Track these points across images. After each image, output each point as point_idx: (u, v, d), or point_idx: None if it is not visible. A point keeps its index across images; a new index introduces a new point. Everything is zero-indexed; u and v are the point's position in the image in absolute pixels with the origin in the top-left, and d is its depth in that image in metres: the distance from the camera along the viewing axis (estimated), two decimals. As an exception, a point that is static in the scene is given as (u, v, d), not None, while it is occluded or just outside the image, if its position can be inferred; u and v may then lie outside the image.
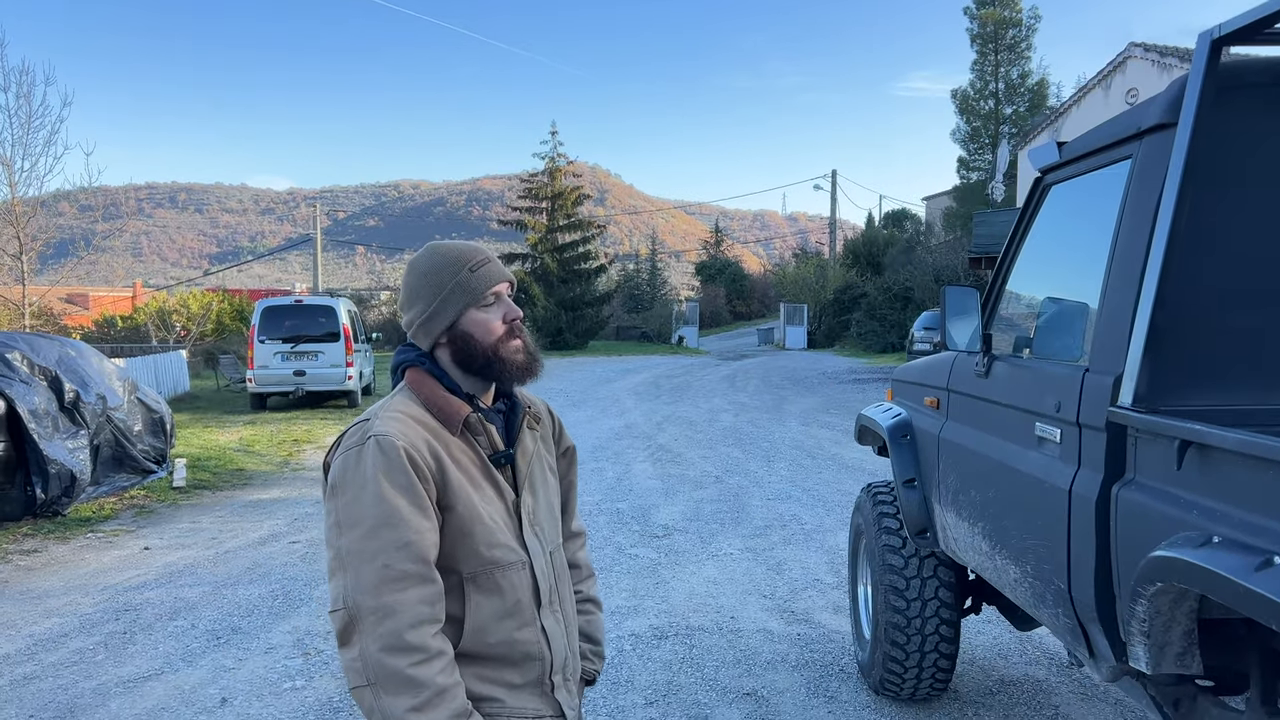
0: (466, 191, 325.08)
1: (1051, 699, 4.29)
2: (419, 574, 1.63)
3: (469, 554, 1.73)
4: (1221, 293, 2.32)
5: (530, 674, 1.80)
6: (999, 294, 3.37)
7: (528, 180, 40.93)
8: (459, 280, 1.80)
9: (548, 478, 1.95)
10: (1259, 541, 1.78)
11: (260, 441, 12.73)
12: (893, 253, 35.93)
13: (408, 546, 1.62)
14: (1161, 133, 2.39)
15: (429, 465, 1.69)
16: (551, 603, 1.85)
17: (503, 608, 1.76)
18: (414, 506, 1.65)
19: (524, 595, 1.79)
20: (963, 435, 3.42)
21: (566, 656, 1.88)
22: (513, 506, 1.82)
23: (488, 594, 1.75)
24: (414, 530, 1.64)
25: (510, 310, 1.82)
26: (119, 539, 7.53)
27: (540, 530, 1.87)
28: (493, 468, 1.80)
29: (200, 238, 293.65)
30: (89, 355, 9.38)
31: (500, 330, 1.81)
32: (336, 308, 16.44)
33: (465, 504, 1.72)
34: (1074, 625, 2.60)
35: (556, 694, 1.84)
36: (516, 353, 1.81)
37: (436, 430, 1.75)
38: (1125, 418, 2.26)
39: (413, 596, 1.61)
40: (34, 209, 18.35)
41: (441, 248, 1.87)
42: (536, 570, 1.81)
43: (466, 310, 1.80)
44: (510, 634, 1.77)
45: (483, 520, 1.74)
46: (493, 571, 1.75)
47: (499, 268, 1.84)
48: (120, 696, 4.40)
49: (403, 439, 1.68)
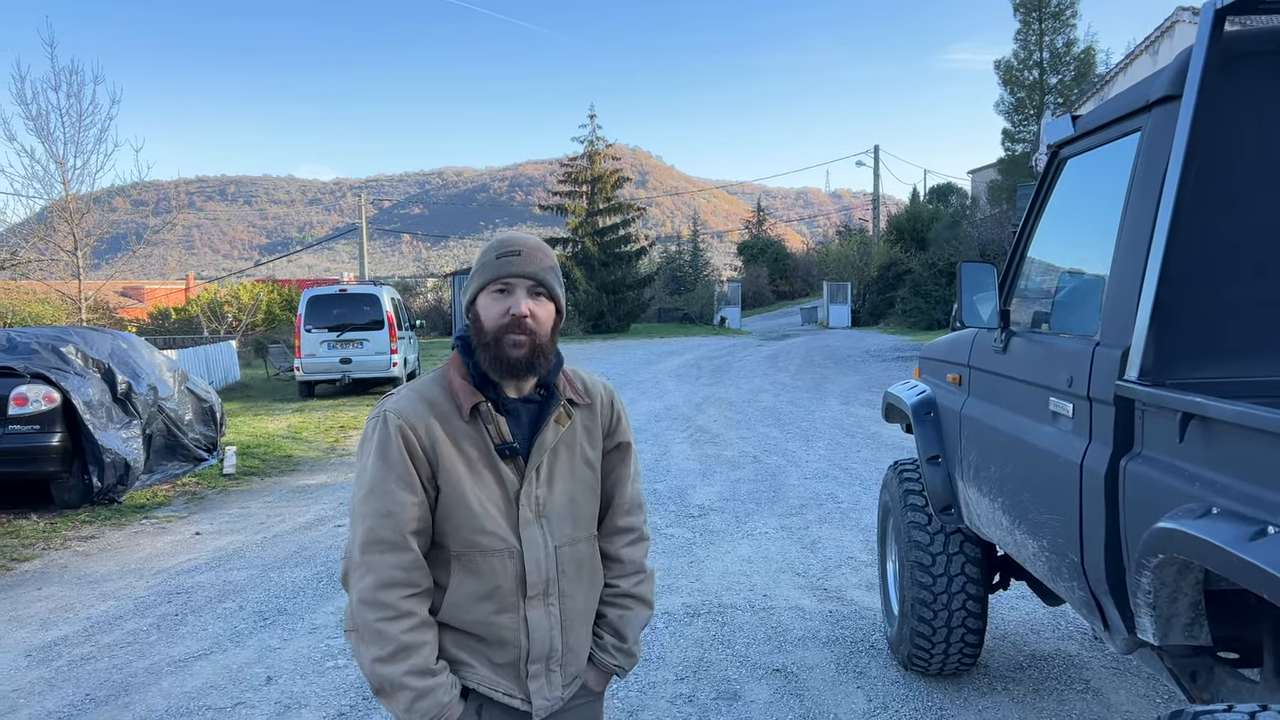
0: (509, 177, 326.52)
1: (1083, 673, 4.28)
2: (394, 542, 1.78)
3: (454, 533, 1.84)
4: (1227, 265, 2.31)
5: (506, 657, 1.87)
6: (1016, 269, 3.36)
7: (567, 164, 41.01)
8: (484, 262, 1.88)
9: (575, 471, 1.95)
10: (1256, 512, 1.79)
11: (308, 428, 13.01)
12: (937, 228, 35.45)
13: (389, 516, 1.78)
14: (1168, 105, 2.38)
15: (423, 444, 1.81)
16: (547, 595, 1.89)
17: (481, 590, 1.84)
18: (400, 480, 1.79)
19: (505, 582, 1.85)
20: (983, 411, 3.43)
21: (553, 649, 1.90)
22: (514, 495, 1.87)
23: (468, 574, 1.85)
24: (396, 503, 1.79)
25: (515, 305, 1.83)
26: (171, 525, 7.78)
27: (547, 523, 1.89)
28: (497, 456, 1.85)
29: (250, 229, 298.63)
30: (140, 347, 9.66)
31: (501, 321, 1.83)
32: (380, 296, 16.67)
33: (454, 487, 1.82)
34: (1088, 598, 2.62)
35: (530, 681, 1.89)
36: (515, 347, 1.83)
37: (446, 414, 1.84)
38: (1132, 391, 2.27)
39: (389, 560, 1.77)
40: (87, 205, 18.82)
41: (508, 233, 1.97)
42: (528, 560, 1.86)
43: (481, 291, 1.88)
44: (487, 616, 1.85)
45: (469, 505, 1.83)
46: (474, 554, 1.84)
47: (525, 265, 1.85)
48: (171, 675, 4.57)
49: (401, 418, 1.82)
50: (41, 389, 7.88)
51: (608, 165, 40.36)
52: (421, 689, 1.75)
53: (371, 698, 4.24)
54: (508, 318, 1.83)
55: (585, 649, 1.99)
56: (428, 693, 1.76)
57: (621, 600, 2.06)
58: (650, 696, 4.18)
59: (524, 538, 1.86)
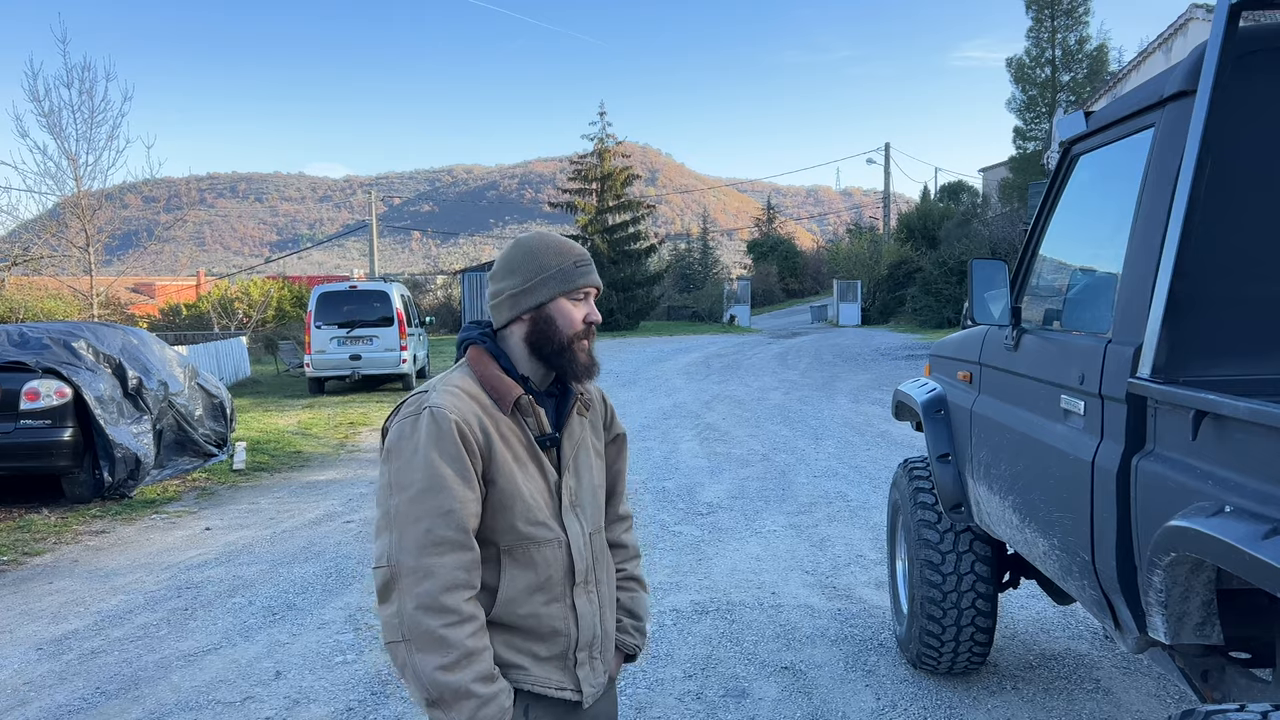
0: (519, 175, 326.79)
1: (1093, 673, 4.26)
2: (458, 541, 1.74)
3: (507, 527, 1.82)
4: (1241, 262, 2.29)
5: (555, 648, 1.88)
6: (1028, 266, 3.34)
7: (577, 162, 41.00)
8: (563, 268, 1.91)
9: (593, 462, 2.02)
10: (1269, 510, 1.77)
11: (318, 424, 13.04)
12: (948, 226, 35.32)
13: (450, 514, 1.73)
14: (1182, 100, 2.36)
15: (478, 439, 1.80)
16: (587, 582, 1.93)
17: (535, 582, 1.85)
18: (459, 477, 1.75)
19: (556, 572, 1.87)
20: (993, 409, 3.41)
21: (595, 635, 1.95)
22: (554, 487, 1.91)
23: (522, 567, 1.84)
24: (457, 499, 1.74)
25: (593, 313, 1.95)
26: (182, 520, 7.81)
27: (581, 511, 1.95)
28: (538, 448, 1.90)
29: (260, 226, 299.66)
30: (150, 343, 9.69)
31: (579, 326, 1.92)
32: (390, 292, 16.71)
33: (508, 479, 1.82)
34: (1099, 597, 2.60)
35: (578, 669, 1.92)
36: (583, 352, 1.92)
37: (489, 407, 1.85)
38: (1144, 389, 2.25)
39: (450, 561, 1.72)
40: (99, 202, 18.90)
41: (552, 237, 1.99)
42: (573, 549, 1.90)
43: (558, 297, 1.90)
44: (539, 608, 1.86)
45: (523, 496, 1.83)
46: (528, 546, 1.84)
47: (596, 274, 1.97)
48: (181, 669, 4.59)
49: (455, 412, 1.78)
50: (53, 384, 7.92)
51: (618, 163, 40.34)
52: (486, 695, 1.71)
53: (380, 692, 4.25)
54: (584, 324, 1.92)
55: (614, 635, 2.05)
56: (491, 699, 1.71)
57: (629, 584, 2.16)
58: (658, 693, 4.17)
59: (567, 527, 1.91)
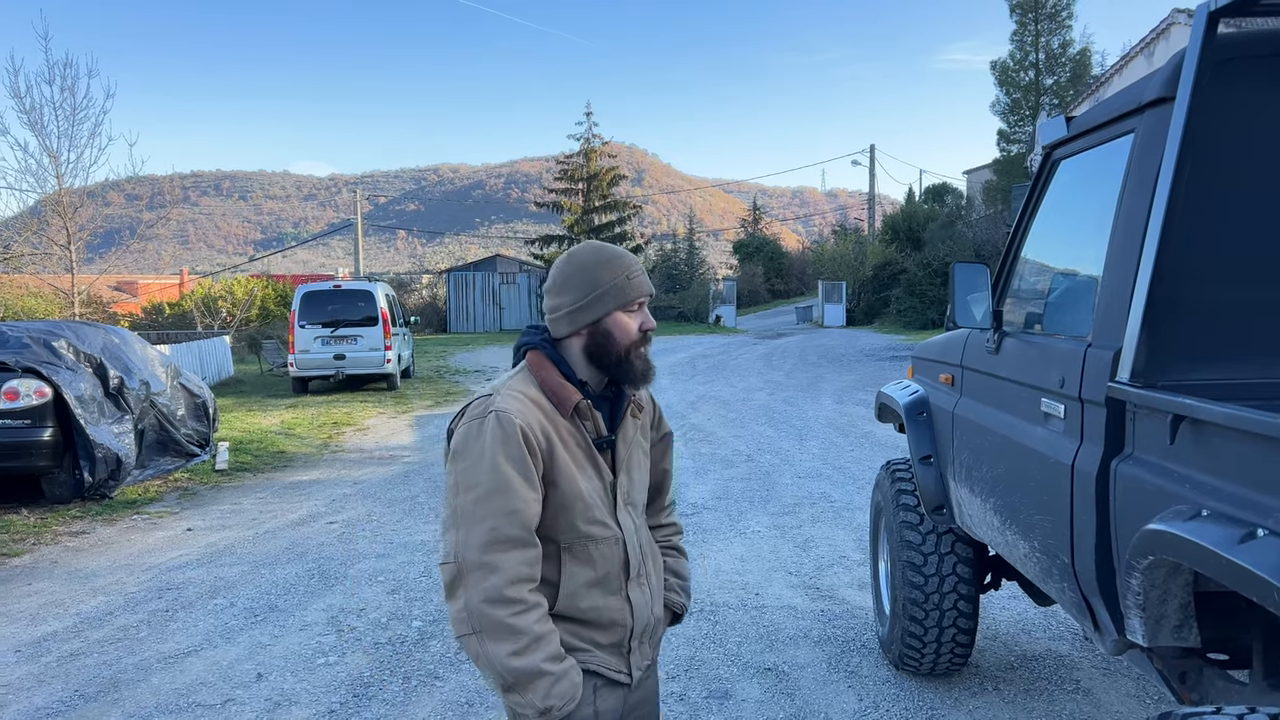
0: (505, 174, 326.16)
1: (1073, 674, 4.29)
2: (521, 539, 1.84)
3: (567, 526, 1.93)
4: (1220, 267, 2.31)
5: (614, 637, 2.01)
6: (1010, 270, 3.36)
7: (563, 162, 41.01)
8: (617, 283, 1.97)
9: (643, 461, 2.13)
10: (1245, 514, 1.79)
11: (301, 424, 12.98)
12: (933, 228, 35.45)
13: (514, 514, 1.83)
14: (1162, 106, 2.38)
15: (540, 443, 1.89)
16: (640, 576, 2.04)
17: (594, 577, 1.97)
18: (523, 478, 1.85)
19: (614, 567, 1.99)
20: (975, 412, 3.43)
21: (648, 624, 2.07)
22: (610, 486, 2.01)
23: (581, 564, 1.96)
24: (521, 500, 1.84)
25: (647, 320, 2.02)
26: (163, 520, 7.76)
27: (634, 509, 2.06)
28: (595, 450, 1.99)
29: (245, 224, 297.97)
30: (132, 342, 9.63)
31: (636, 336, 2.00)
32: (374, 292, 16.65)
33: (568, 481, 1.92)
34: (1078, 599, 2.62)
35: (630, 656, 2.04)
36: (640, 359, 2.00)
37: (550, 412, 1.94)
38: (1123, 393, 2.27)
39: (514, 558, 1.83)
40: (81, 199, 18.76)
41: (603, 248, 2.04)
42: (628, 545, 2.01)
43: (614, 311, 1.97)
44: (598, 600, 1.97)
45: (582, 497, 1.93)
46: (587, 544, 1.95)
47: (648, 280, 2.04)
48: (161, 672, 4.56)
49: (520, 417, 1.87)
50: (33, 383, 7.85)
51: (604, 163, 40.36)
52: (558, 672, 1.83)
53: (362, 694, 4.24)
54: (641, 333, 2.00)
55: (663, 620, 2.17)
56: (564, 675, 1.84)
57: (672, 551, 2.31)
58: (641, 695, 4.17)
59: (622, 524, 2.01)
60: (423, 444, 11.35)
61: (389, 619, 5.22)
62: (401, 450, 10.98)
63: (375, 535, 7.05)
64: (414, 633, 5.00)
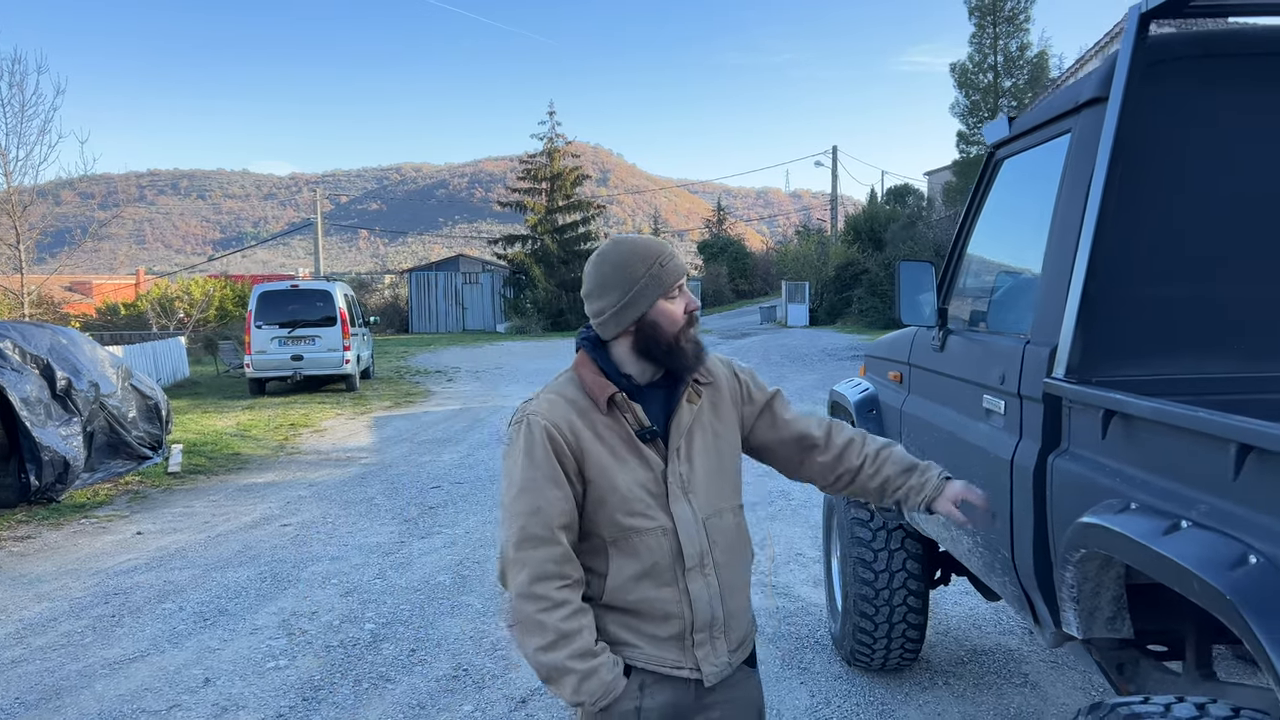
0: (469, 174, 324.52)
1: (1021, 667, 4.34)
2: (545, 537, 1.88)
3: (607, 520, 1.94)
4: (1152, 265, 2.35)
5: (671, 629, 1.97)
6: (955, 269, 3.39)
7: (526, 161, 40.82)
8: (652, 273, 1.96)
9: (711, 445, 2.06)
10: (1171, 507, 1.82)
11: (257, 426, 12.81)
12: (894, 228, 35.77)
13: (538, 512, 1.88)
14: (1096, 106, 2.41)
15: (569, 441, 1.92)
16: (703, 566, 1.99)
17: (640, 569, 1.95)
18: (547, 478, 1.90)
19: (662, 559, 1.96)
20: (922, 408, 3.46)
21: (714, 617, 2.00)
22: (661, 475, 1.98)
23: (626, 556, 1.95)
24: (545, 499, 1.89)
25: (690, 301, 2.00)
26: (112, 524, 7.62)
27: (694, 497, 2.00)
28: (639, 441, 1.97)
29: (203, 224, 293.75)
30: (81, 343, 9.44)
31: (683, 320, 1.97)
32: (333, 292, 16.48)
33: (603, 476, 1.93)
34: (1019, 593, 2.65)
35: (696, 650, 1.99)
36: (689, 343, 1.98)
37: (585, 409, 1.96)
38: (1059, 388, 2.29)
39: (540, 555, 1.88)
40: (30, 198, 18.37)
41: (630, 242, 2.02)
42: (682, 536, 1.97)
43: (657, 301, 1.96)
44: (648, 593, 1.96)
45: (619, 491, 1.93)
46: (630, 536, 1.95)
47: (681, 262, 2.00)
48: (105, 678, 4.47)
49: (545, 418, 1.93)
50: (-23, 385, 7.67)
51: (567, 162, 40.25)
52: (585, 670, 1.85)
53: (312, 698, 4.19)
54: (687, 315, 1.98)
55: (744, 616, 2.10)
56: (591, 674, 1.86)
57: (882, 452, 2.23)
58: (594, 694, 4.16)
59: (675, 514, 1.97)
60: (380, 445, 11.25)
61: (341, 621, 5.16)
62: (359, 452, 10.87)
63: (330, 537, 6.97)
64: (366, 635, 4.95)
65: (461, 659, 4.61)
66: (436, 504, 7.99)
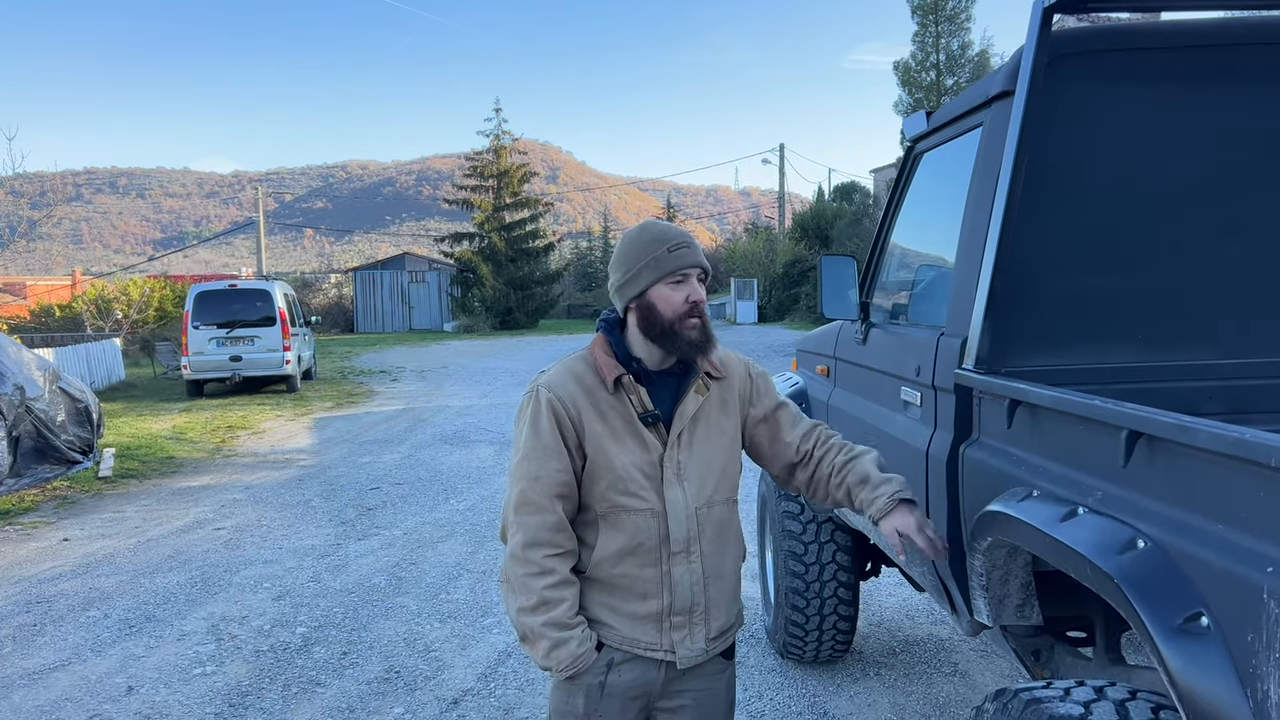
0: (416, 171, 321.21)
1: (952, 657, 4.40)
2: (541, 504, 1.98)
3: (599, 495, 2.02)
4: (1056, 257, 2.38)
5: (649, 609, 2.04)
6: (877, 263, 3.42)
7: (473, 159, 40.53)
8: (655, 256, 2.02)
9: (713, 437, 2.11)
10: (1069, 494, 1.84)
11: (194, 429, 12.55)
12: (840, 225, 36.13)
13: (537, 480, 1.98)
14: (1004, 100, 2.44)
15: (571, 415, 2.00)
16: (689, 552, 2.05)
17: (626, 546, 2.02)
18: (548, 448, 1.99)
19: (648, 539, 2.02)
20: (847, 401, 3.48)
21: (694, 603, 2.06)
22: (659, 459, 2.04)
23: (614, 531, 2.02)
24: (544, 468, 1.99)
25: (694, 292, 2.03)
26: (37, 531, 7.40)
27: (688, 485, 2.05)
28: (640, 424, 2.03)
29: (143, 223, 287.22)
30: (5, 346, 9.15)
31: (681, 308, 2.01)
32: (272, 291, 16.20)
33: (600, 453, 2.00)
34: (936, 582, 2.68)
35: (673, 632, 2.05)
36: (691, 329, 2.02)
37: (592, 386, 2.04)
38: (969, 379, 2.32)
39: (535, 521, 1.98)
40: (-45, 197, 17.82)
41: (653, 225, 2.10)
42: (671, 520, 2.03)
43: (655, 284, 2.01)
44: (630, 570, 2.03)
45: (613, 469, 2.00)
46: (619, 513, 2.02)
47: (695, 254, 2.04)
48: (24, 689, 4.34)
49: (550, 390, 2.02)
50: (-108, 389, 7.40)
51: (515, 159, 40.04)
52: (557, 639, 1.95)
53: (239, 704, 4.11)
54: (688, 304, 2.01)
55: (726, 605, 2.14)
56: (562, 644, 1.95)
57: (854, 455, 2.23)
58: (528, 693, 4.14)
59: (667, 498, 2.03)
60: (320, 447, 11.08)
61: (272, 626, 5.07)
62: (298, 453, 10.69)
63: (264, 541, 6.84)
64: (298, 639, 4.86)
65: (394, 661, 4.55)
66: (375, 505, 7.89)
